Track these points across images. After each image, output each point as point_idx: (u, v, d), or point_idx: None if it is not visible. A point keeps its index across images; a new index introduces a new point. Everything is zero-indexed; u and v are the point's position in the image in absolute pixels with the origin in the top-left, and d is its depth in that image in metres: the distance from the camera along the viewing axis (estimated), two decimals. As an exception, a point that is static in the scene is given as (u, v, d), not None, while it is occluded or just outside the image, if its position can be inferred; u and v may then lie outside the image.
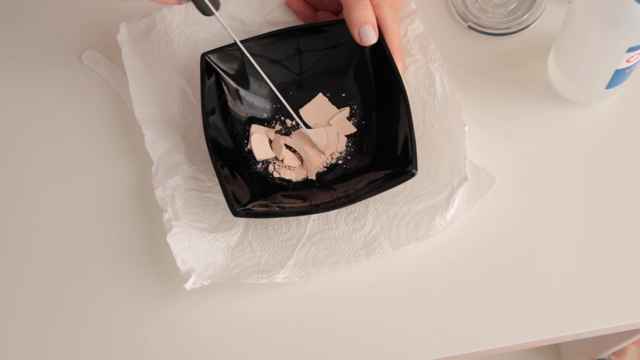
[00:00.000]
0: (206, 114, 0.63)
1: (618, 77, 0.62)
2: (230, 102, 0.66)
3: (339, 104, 0.68)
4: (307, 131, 0.65)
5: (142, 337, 0.62)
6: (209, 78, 0.65)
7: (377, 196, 0.64)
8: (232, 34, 0.60)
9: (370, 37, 0.62)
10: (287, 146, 0.66)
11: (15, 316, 0.63)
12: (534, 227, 0.64)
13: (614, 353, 1.23)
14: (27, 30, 0.73)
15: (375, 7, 0.63)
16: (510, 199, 0.64)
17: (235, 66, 0.66)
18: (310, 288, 0.63)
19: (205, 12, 0.59)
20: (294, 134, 0.67)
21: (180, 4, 0.59)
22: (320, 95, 0.68)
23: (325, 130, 0.66)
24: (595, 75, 0.63)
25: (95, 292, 0.64)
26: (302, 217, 0.64)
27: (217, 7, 0.59)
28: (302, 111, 0.67)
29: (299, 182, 0.65)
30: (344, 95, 0.68)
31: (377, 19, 0.63)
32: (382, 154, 0.65)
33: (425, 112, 0.65)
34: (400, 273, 0.63)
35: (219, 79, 0.66)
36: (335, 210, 0.63)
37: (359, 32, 0.62)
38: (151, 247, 0.65)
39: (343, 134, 0.67)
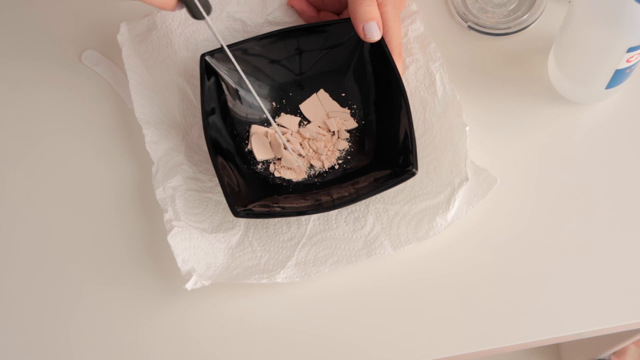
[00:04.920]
0: (206, 114, 0.63)
1: (618, 77, 0.62)
2: (230, 103, 0.67)
3: (338, 103, 0.68)
4: (283, 139, 0.65)
5: (142, 336, 0.62)
6: (208, 79, 0.65)
7: (378, 196, 0.64)
8: (220, 39, 0.60)
9: (374, 34, 0.62)
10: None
11: (14, 316, 0.63)
12: (534, 227, 0.64)
13: (614, 353, 1.23)
14: (27, 30, 0.73)
15: (379, 6, 0.63)
16: (510, 199, 0.64)
17: (234, 67, 0.66)
18: (310, 288, 0.63)
19: (196, 15, 0.58)
20: (302, 129, 0.67)
21: (174, 10, 0.59)
22: (321, 91, 0.68)
23: (326, 122, 0.66)
24: (595, 75, 0.63)
25: (96, 291, 0.64)
26: (303, 217, 0.64)
27: (208, 12, 0.58)
28: (302, 105, 0.68)
29: (300, 182, 0.65)
30: (343, 95, 0.68)
31: None
32: (382, 154, 0.65)
33: (426, 112, 0.66)
34: (400, 273, 0.63)
35: (219, 80, 0.66)
36: (336, 210, 0.63)
37: (363, 28, 0.62)
38: (152, 247, 0.65)
39: (344, 128, 0.67)
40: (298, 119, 0.67)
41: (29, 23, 0.73)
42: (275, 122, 0.64)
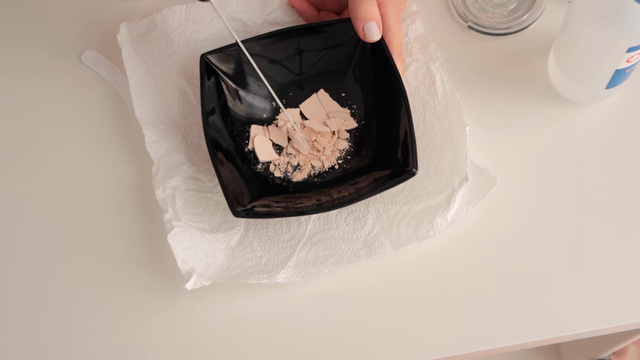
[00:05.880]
0: (206, 114, 0.63)
1: (618, 77, 0.62)
2: (230, 103, 0.67)
3: (338, 103, 0.68)
4: (298, 132, 0.65)
5: (142, 336, 0.62)
6: (208, 78, 0.65)
7: (378, 196, 0.64)
8: (226, 23, 0.59)
9: (374, 34, 0.62)
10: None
11: (14, 316, 0.63)
12: (534, 227, 0.64)
13: (614, 353, 1.23)
14: (27, 31, 0.73)
15: (379, 6, 0.63)
16: (510, 199, 0.64)
17: (234, 66, 0.66)
18: (310, 288, 0.63)
19: None
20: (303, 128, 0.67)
21: None
22: (321, 91, 0.68)
23: (326, 122, 0.67)
24: (595, 75, 0.63)
25: (96, 291, 0.64)
26: (303, 217, 0.64)
27: None
28: (302, 105, 0.68)
29: (299, 182, 0.65)
30: (343, 95, 0.68)
31: None
32: (382, 154, 0.65)
33: (426, 112, 0.66)
34: (400, 273, 0.63)
35: (219, 80, 0.66)
36: (336, 210, 0.63)
37: (363, 27, 0.62)
38: (152, 247, 0.65)
39: (344, 128, 0.67)
40: (298, 109, 0.67)
41: (28, 23, 0.73)
42: (280, 111, 0.64)
